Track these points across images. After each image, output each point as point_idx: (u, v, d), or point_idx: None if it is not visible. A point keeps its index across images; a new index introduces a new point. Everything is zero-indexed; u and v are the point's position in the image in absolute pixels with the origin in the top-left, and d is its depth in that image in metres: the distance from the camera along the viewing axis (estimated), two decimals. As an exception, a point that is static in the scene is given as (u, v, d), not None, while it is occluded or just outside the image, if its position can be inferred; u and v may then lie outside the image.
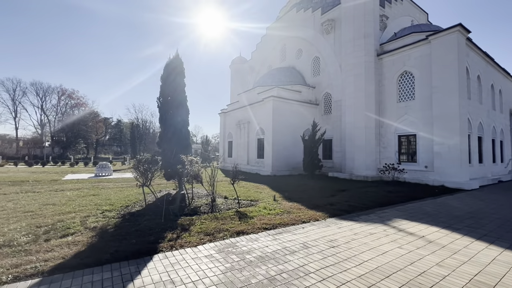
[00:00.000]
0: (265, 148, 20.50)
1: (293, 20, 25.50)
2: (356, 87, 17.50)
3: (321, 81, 22.29)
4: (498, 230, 5.78)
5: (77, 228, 5.34)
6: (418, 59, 15.35)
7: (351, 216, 6.89)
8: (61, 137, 67.59)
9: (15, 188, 10.72)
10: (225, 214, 6.65)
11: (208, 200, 8.51)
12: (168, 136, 9.76)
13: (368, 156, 16.93)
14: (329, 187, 12.51)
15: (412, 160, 15.64)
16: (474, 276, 3.53)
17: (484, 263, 3.96)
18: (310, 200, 8.92)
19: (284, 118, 20.28)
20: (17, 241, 4.50)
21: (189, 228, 5.45)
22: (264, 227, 5.60)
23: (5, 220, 5.84)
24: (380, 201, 8.96)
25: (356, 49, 17.58)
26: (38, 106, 61.17)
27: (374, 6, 17.81)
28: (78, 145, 73.61)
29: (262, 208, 7.40)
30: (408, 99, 15.99)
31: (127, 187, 11.40)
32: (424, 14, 25.42)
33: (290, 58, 26.10)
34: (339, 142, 19.96)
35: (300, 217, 6.53)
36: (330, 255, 4.19)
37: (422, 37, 15.47)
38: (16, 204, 7.46)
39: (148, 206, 7.52)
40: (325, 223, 6.11)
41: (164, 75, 10.16)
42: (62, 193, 9.60)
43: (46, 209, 6.88)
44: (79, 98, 69.40)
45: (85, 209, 7.03)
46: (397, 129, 16.38)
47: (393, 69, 16.70)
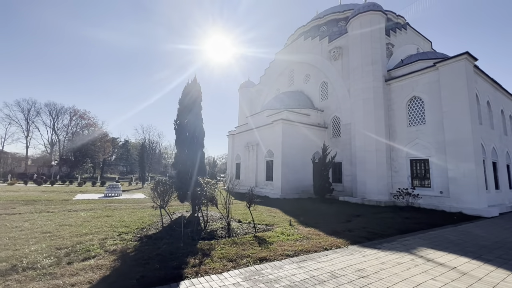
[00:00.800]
0: (274, 170, 20.42)
1: (301, 47, 26.61)
2: (366, 111, 17.72)
3: (329, 105, 22.67)
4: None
5: (97, 251, 5.27)
6: (427, 85, 15.64)
7: (373, 243, 6.66)
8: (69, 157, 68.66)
9: (29, 207, 10.75)
10: (243, 239, 6.51)
11: (223, 224, 8.37)
12: (183, 158, 9.86)
13: (380, 180, 16.67)
14: (343, 212, 12.21)
15: (425, 185, 15.32)
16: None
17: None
18: (326, 225, 8.69)
19: (293, 141, 20.40)
20: (40, 264, 4.44)
21: (210, 253, 5.33)
22: (287, 254, 5.44)
23: (25, 240, 5.81)
24: (399, 228, 8.67)
25: (365, 75, 18.07)
26: (50, 126, 62.91)
27: (380, 35, 18.58)
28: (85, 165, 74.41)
29: (279, 233, 7.23)
30: (418, 123, 16.06)
31: (139, 209, 11.32)
32: (428, 42, 26.30)
33: (298, 83, 26.85)
34: (349, 166, 19.81)
35: (321, 243, 6.34)
36: (362, 286, 4.02)
37: (429, 64, 15.89)
38: (33, 225, 7.44)
39: (164, 229, 7.42)
40: (348, 251, 5.91)
41: (182, 99, 10.51)
42: (76, 213, 9.57)
43: (63, 230, 6.84)
44: (90, 119, 71.31)
45: (101, 230, 6.97)
46: (409, 153, 16.26)
47: (402, 94, 16.98)
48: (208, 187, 7.84)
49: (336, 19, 27.42)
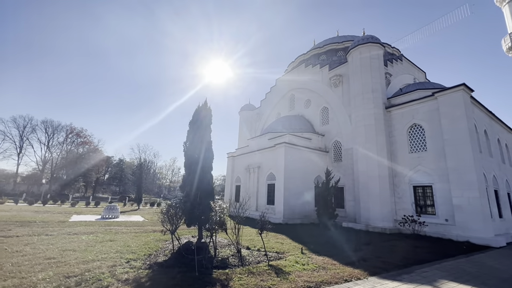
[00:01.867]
0: (276, 194, 20.17)
1: (302, 74, 27.62)
2: (367, 137, 18.05)
3: (330, 130, 23.08)
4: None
5: (108, 280, 4.97)
6: (427, 113, 16.17)
7: (391, 275, 6.45)
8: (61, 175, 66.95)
9: (25, 229, 10.25)
10: (258, 268, 6.25)
11: (232, 250, 8.08)
12: (192, 181, 9.69)
13: (384, 206, 16.53)
14: (350, 240, 11.92)
15: (430, 212, 15.23)
16: None
17: None
18: (338, 254, 8.44)
19: (295, 164, 20.41)
20: (52, 294, 4.16)
21: (228, 284, 5.08)
22: (308, 286, 5.22)
23: (29, 267, 5.47)
24: (412, 258, 8.46)
25: (365, 102, 18.67)
26: (44, 143, 61.94)
27: (379, 65, 19.52)
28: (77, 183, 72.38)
29: (294, 262, 6.97)
30: (420, 150, 16.35)
31: (141, 233, 10.89)
32: (422, 73, 27.64)
33: (299, 107, 27.49)
34: (351, 191, 19.71)
35: (339, 274, 6.11)
36: (396, 323, 3.83)
37: (427, 93, 16.57)
38: (34, 249, 7.05)
39: (174, 256, 7.11)
40: (370, 283, 5.69)
41: (192, 121, 10.59)
42: (77, 237, 9.14)
43: (68, 256, 6.49)
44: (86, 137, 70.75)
45: (108, 257, 6.63)
46: (412, 179, 16.35)
47: (403, 122, 17.46)
48: (220, 212, 7.65)
49: (335, 49, 28.86)
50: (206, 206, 8.79)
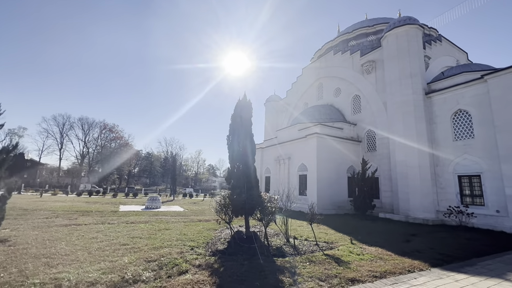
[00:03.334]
0: (308, 185, 20.16)
1: (330, 61, 26.79)
2: (406, 125, 17.27)
3: (362, 119, 22.36)
4: None
5: (184, 265, 5.40)
6: (474, 98, 15.06)
7: (454, 267, 6.31)
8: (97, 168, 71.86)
9: (87, 218, 11.31)
10: (316, 257, 6.41)
11: (282, 240, 8.33)
12: (237, 173, 10.01)
13: (425, 197, 15.91)
14: (394, 231, 11.72)
15: (477, 203, 14.42)
16: None
17: None
18: (388, 245, 8.36)
19: (327, 155, 20.15)
20: (144, 276, 4.64)
21: (295, 271, 5.30)
22: (373, 275, 5.29)
23: (112, 252, 6.09)
24: (469, 250, 8.16)
25: (403, 88, 17.77)
26: (81, 138, 66.67)
27: (418, 48, 18.35)
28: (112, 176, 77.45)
29: (348, 253, 7.05)
30: (466, 137, 15.36)
31: (189, 222, 11.55)
32: (464, 54, 25.55)
33: (328, 96, 26.83)
34: (387, 181, 19.14)
35: (399, 265, 6.10)
36: (482, 314, 3.80)
37: (475, 76, 15.37)
38: (106, 236, 7.80)
39: (230, 244, 7.49)
40: (435, 275, 5.64)
41: (234, 114, 10.83)
42: (135, 225, 9.93)
43: (139, 243, 7.11)
44: (118, 132, 74.98)
45: (172, 244, 7.16)
46: (456, 169, 15.50)
47: (445, 108, 16.43)
48: (272, 202, 7.88)
49: (365, 33, 27.51)
50: (252, 197, 9.07)
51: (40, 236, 7.32)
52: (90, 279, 4.35)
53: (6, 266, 4.79)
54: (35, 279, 4.19)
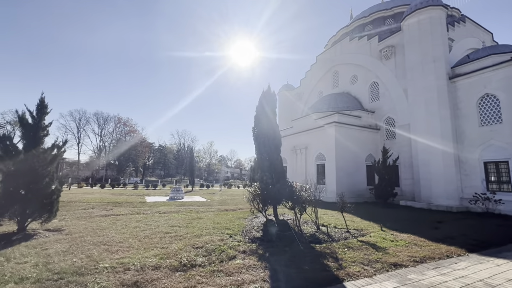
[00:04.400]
0: (327, 173, 20.25)
1: (346, 48, 26.17)
2: (428, 112, 16.89)
3: (381, 106, 21.97)
4: None
5: (229, 251, 5.74)
6: (503, 81, 14.50)
7: (491, 252, 6.39)
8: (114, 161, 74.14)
9: (121, 209, 11.94)
10: (353, 244, 6.62)
11: (312, 228, 8.58)
12: (265, 164, 10.25)
13: (449, 184, 15.73)
14: (419, 218, 11.77)
15: (505, 189, 14.15)
16: None
17: None
18: (419, 232, 8.45)
19: (345, 143, 20.06)
20: (199, 261, 4.99)
21: (337, 256, 5.54)
22: (414, 260, 5.46)
23: (159, 239, 6.52)
24: (502, 236, 8.18)
25: (426, 73, 17.27)
26: (98, 133, 68.74)
27: (442, 31, 17.65)
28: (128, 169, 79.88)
29: (381, 239, 7.22)
30: (493, 123, 14.92)
31: (217, 211, 12.00)
32: (489, 34, 24.31)
33: (344, 84, 26.38)
34: (408, 169, 18.96)
35: (436, 250, 6.23)
36: (532, 296, 3.93)
37: (504, 58, 14.74)
38: (147, 225, 8.29)
39: (265, 231, 7.80)
40: (474, 260, 5.75)
41: (259, 106, 10.95)
42: (169, 215, 10.43)
43: (180, 231, 7.53)
44: (132, 126, 76.75)
45: (210, 232, 7.54)
46: (482, 155, 15.16)
47: (471, 92, 15.92)
48: (303, 191, 8.09)
49: (383, 16, 26.53)
50: (281, 186, 9.30)
51: (89, 226, 7.87)
52: (152, 263, 4.73)
53: (74, 252, 5.26)
54: (105, 263, 4.61)
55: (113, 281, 3.94)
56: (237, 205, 14.98)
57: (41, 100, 6.92)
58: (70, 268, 4.32)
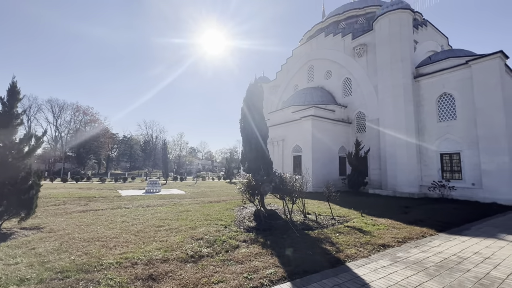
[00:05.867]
0: (303, 165, 21.07)
1: (321, 44, 27.01)
2: (396, 107, 18.41)
3: (353, 101, 23.31)
4: None
5: (230, 241, 5.86)
6: (458, 82, 16.35)
7: (455, 231, 7.42)
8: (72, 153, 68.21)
9: (99, 204, 11.24)
10: (341, 229, 7.17)
11: (300, 216, 9.03)
12: (252, 155, 10.38)
13: (411, 173, 17.50)
14: (390, 204, 12.99)
15: (456, 177, 16.20)
16: None
17: None
18: (393, 216, 9.41)
19: (320, 136, 21.03)
20: (205, 251, 5.04)
21: (332, 241, 5.98)
22: (397, 241, 6.14)
23: (154, 233, 6.37)
24: (459, 217, 9.47)
25: (394, 72, 18.70)
26: (53, 122, 62.44)
27: (409, 33, 19.17)
28: (89, 161, 74.17)
29: (364, 224, 7.91)
30: (449, 119, 16.83)
31: (202, 203, 11.92)
32: (445, 38, 26.96)
33: (318, 79, 27.35)
34: (376, 160, 20.58)
35: (412, 232, 7.05)
36: (494, 265, 4.73)
37: (460, 61, 16.58)
38: (135, 219, 7.98)
39: (257, 221, 8.02)
40: (443, 238, 6.64)
41: (246, 98, 10.97)
42: (153, 209, 10.11)
43: (172, 224, 7.40)
44: (93, 115, 71.00)
45: (204, 223, 7.55)
46: (439, 147, 17.09)
47: (432, 91, 17.69)
48: (294, 182, 8.44)
49: (356, 15, 27.80)
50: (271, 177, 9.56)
51: (71, 222, 7.33)
52: (158, 257, 4.66)
53: (68, 250, 4.93)
54: (108, 259, 4.43)
55: (126, 276, 3.84)
56: (219, 196, 15.00)
57: (13, 84, 6.13)
58: (72, 266, 4.09)
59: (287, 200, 8.61)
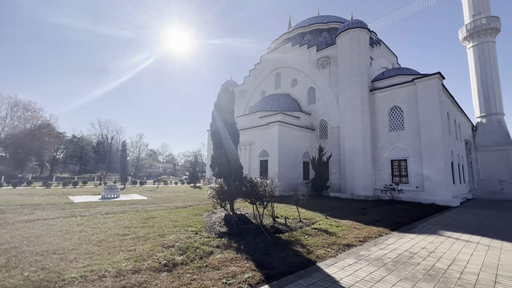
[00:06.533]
0: (269, 169, 21.59)
1: (289, 52, 28.16)
2: (354, 117, 20.06)
3: (316, 109, 24.72)
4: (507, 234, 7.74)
5: (203, 247, 5.78)
6: (406, 97, 18.53)
7: (405, 229, 8.37)
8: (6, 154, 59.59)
9: (46, 212, 10.03)
10: (309, 231, 7.58)
11: (269, 220, 9.27)
12: (223, 160, 10.38)
13: (367, 177, 19.16)
14: (348, 206, 14.04)
15: (404, 181, 18.22)
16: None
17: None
18: (353, 218, 10.22)
19: (286, 141, 21.84)
20: (179, 259, 4.89)
21: (302, 243, 6.29)
22: (359, 240, 6.72)
23: (120, 242, 5.96)
24: (408, 217, 10.68)
25: (353, 85, 20.40)
26: (-16, 118, 53.91)
27: (366, 50, 21.15)
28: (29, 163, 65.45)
29: (329, 226, 8.47)
30: (398, 129, 18.91)
31: (168, 209, 11.42)
32: (394, 57, 30.31)
33: (285, 86, 28.41)
34: (336, 165, 22.05)
35: (371, 231, 7.77)
36: (438, 258, 5.49)
37: (407, 79, 18.82)
38: (95, 228, 7.33)
39: (228, 226, 8.02)
40: (396, 236, 7.45)
41: (217, 102, 10.97)
42: (114, 216, 9.39)
43: (138, 232, 7.00)
44: (35, 111, 62.96)
45: (173, 230, 7.29)
46: (390, 154, 19.06)
47: (384, 104, 19.72)
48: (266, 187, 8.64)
49: (320, 29, 29.66)
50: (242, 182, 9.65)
51: (16, 234, 6.44)
52: (128, 267, 4.40)
53: (19, 265, 4.34)
54: (71, 274, 4.04)
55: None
56: (186, 201, 14.54)
57: None
58: (27, 284, 3.64)
59: (258, 204, 8.78)
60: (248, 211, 10.81)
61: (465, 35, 32.51)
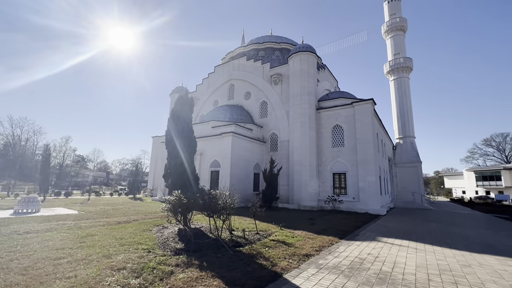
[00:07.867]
0: (221, 180, 21.24)
1: (243, 66, 28.90)
2: (302, 133, 21.58)
3: (268, 123, 25.74)
4: (428, 237, 9.35)
5: (161, 267, 5.26)
6: (346, 117, 20.94)
7: (351, 237, 9.24)
8: None
9: None
10: (268, 243, 7.67)
11: (226, 233, 9.05)
12: (178, 171, 9.79)
13: (312, 189, 20.61)
14: (297, 217, 14.77)
15: (343, 193, 20.24)
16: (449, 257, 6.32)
17: (443, 254, 6.94)
18: (305, 228, 10.79)
19: (239, 153, 21.99)
20: (136, 284, 4.32)
21: (264, 255, 6.32)
22: (316, 250, 7.11)
23: (54, 267, 4.93)
24: (350, 226, 11.83)
25: (303, 102, 22.07)
26: None
27: (314, 72, 23.29)
28: None
29: (285, 237, 8.74)
30: (339, 145, 21.10)
31: (109, 225, 10.02)
32: (335, 81, 34.17)
33: (238, 98, 28.86)
34: (285, 177, 23.11)
35: (323, 241, 8.32)
36: (382, 262, 6.22)
37: (347, 102, 21.38)
38: (14, 252, 5.90)
39: (184, 241, 7.50)
40: (345, 244, 8.16)
41: (174, 110, 10.44)
42: (39, 235, 7.74)
43: (75, 254, 5.93)
44: None
45: (121, 249, 6.45)
46: (332, 168, 21.02)
47: (328, 122, 21.85)
48: (227, 199, 8.44)
49: (273, 48, 31.47)
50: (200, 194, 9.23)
51: None
52: (72, 299, 3.67)
53: None
54: (-10, 315, 3.14)
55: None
56: (128, 215, 13.05)
57: None
58: None
59: (216, 217, 8.50)
60: (203, 224, 10.36)
61: (388, 69, 38.99)
